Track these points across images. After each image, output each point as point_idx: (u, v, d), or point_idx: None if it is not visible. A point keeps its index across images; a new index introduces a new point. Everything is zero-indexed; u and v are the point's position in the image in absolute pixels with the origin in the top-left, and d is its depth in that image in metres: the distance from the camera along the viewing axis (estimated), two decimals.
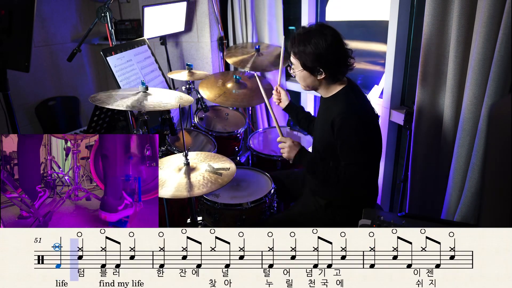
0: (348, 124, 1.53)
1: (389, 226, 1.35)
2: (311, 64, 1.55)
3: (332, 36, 1.53)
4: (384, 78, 2.33)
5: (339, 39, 1.55)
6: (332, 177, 1.60)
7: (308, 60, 1.55)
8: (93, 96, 1.65)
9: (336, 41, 1.54)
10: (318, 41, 1.51)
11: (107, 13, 2.21)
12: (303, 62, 1.57)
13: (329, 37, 1.52)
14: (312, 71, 1.58)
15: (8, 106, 1.77)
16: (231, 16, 3.11)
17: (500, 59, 1.40)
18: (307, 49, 1.53)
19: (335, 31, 1.56)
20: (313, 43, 1.52)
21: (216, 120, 2.72)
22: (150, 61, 2.45)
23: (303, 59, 1.57)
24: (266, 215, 1.92)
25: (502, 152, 0.77)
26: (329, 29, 1.54)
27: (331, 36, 1.52)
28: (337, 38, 1.55)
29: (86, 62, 4.02)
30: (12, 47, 1.63)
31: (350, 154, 1.56)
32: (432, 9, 1.68)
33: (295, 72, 1.65)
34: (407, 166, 2.05)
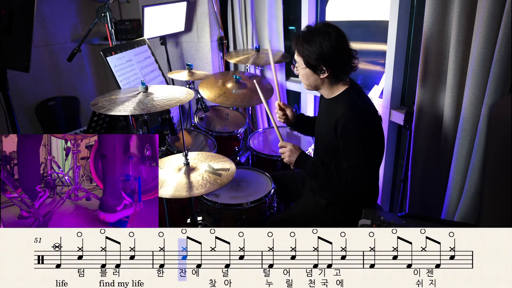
0: (351, 126, 1.52)
1: (389, 226, 1.35)
2: (314, 62, 1.55)
3: (336, 35, 1.53)
4: (384, 78, 2.33)
5: (343, 38, 1.55)
6: (333, 181, 1.59)
7: (311, 57, 1.55)
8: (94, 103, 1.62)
9: (340, 40, 1.53)
10: (323, 40, 1.51)
11: (107, 13, 2.21)
12: (306, 59, 1.57)
13: (334, 36, 1.51)
14: (315, 69, 1.58)
15: (8, 106, 1.77)
16: (231, 16, 3.11)
17: (500, 59, 1.40)
18: (311, 47, 1.53)
19: (340, 30, 1.55)
20: (317, 41, 1.52)
21: (216, 120, 2.72)
22: (150, 61, 2.45)
23: (307, 57, 1.56)
24: (266, 215, 1.92)
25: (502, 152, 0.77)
26: (334, 28, 1.54)
27: (335, 35, 1.52)
28: (341, 37, 1.54)
29: (86, 62, 4.02)
30: (12, 47, 1.63)
31: (353, 155, 1.56)
32: (432, 9, 1.68)
33: (298, 70, 1.65)
34: (407, 166, 2.05)
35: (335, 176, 1.59)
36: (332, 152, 1.65)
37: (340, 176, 1.58)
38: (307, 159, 1.69)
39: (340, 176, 1.58)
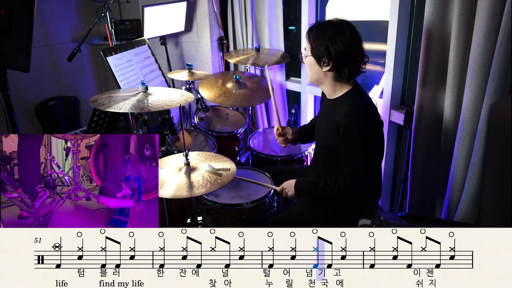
0: (354, 127, 1.52)
1: (389, 226, 1.35)
2: (319, 53, 1.56)
3: (350, 35, 1.53)
4: (384, 78, 2.33)
5: (356, 41, 1.55)
6: (333, 191, 1.60)
7: (318, 46, 1.56)
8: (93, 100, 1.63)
9: (352, 41, 1.53)
10: (335, 34, 1.52)
11: (107, 13, 2.21)
12: (313, 47, 1.58)
13: (347, 35, 1.52)
14: (319, 59, 1.58)
15: (8, 106, 1.77)
16: (231, 16, 3.11)
17: (500, 59, 1.40)
18: (321, 36, 1.55)
19: (356, 32, 1.56)
20: (329, 34, 1.53)
21: (216, 120, 2.72)
22: (150, 61, 2.45)
23: (314, 44, 1.58)
24: (266, 215, 1.92)
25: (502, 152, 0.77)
26: (351, 28, 1.55)
27: (349, 34, 1.53)
28: (355, 39, 1.55)
29: (86, 62, 4.03)
30: (12, 47, 1.63)
31: (354, 156, 1.56)
32: (432, 9, 1.68)
33: (305, 57, 1.66)
34: (407, 166, 2.05)
35: (333, 188, 1.60)
36: (332, 153, 1.64)
37: (338, 186, 1.59)
38: (304, 183, 1.71)
39: (338, 186, 1.59)
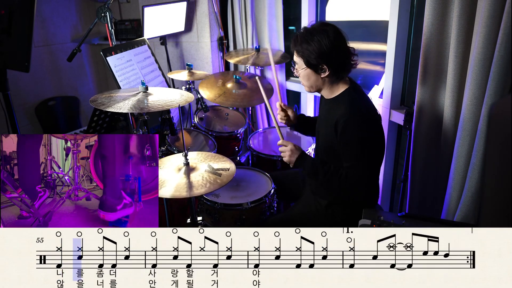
0: (351, 125, 1.52)
1: (389, 226, 1.35)
2: (315, 61, 1.56)
3: (334, 33, 1.54)
4: (384, 78, 2.33)
5: (341, 36, 1.56)
6: (332, 181, 1.59)
7: (311, 57, 1.55)
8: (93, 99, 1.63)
9: (338, 38, 1.55)
10: (321, 38, 1.52)
11: (107, 13, 2.21)
12: (307, 59, 1.57)
13: (331, 33, 1.53)
14: (316, 68, 1.58)
15: (8, 106, 1.77)
16: (231, 16, 3.11)
17: (500, 59, 1.40)
18: (310, 46, 1.54)
19: (337, 28, 1.57)
20: (316, 40, 1.53)
21: (216, 120, 2.72)
22: (150, 61, 2.45)
23: (307, 57, 1.57)
24: (266, 215, 1.92)
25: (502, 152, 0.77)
26: (331, 27, 1.56)
27: (333, 32, 1.53)
28: (339, 35, 1.55)
29: (86, 62, 4.03)
30: (12, 47, 1.63)
31: (353, 155, 1.56)
32: (432, 9, 1.68)
33: (298, 71, 1.65)
34: (407, 166, 2.05)
35: (334, 176, 1.59)
36: (332, 152, 1.64)
37: (339, 176, 1.58)
38: (307, 159, 1.69)
39: (339, 176, 1.58)
